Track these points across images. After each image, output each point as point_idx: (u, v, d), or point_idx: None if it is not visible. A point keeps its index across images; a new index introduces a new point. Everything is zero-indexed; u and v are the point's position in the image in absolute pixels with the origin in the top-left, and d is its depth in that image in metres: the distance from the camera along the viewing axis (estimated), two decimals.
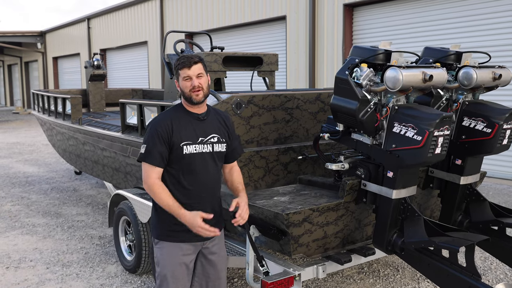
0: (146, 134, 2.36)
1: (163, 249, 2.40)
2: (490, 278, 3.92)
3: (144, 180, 2.33)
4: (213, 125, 2.43)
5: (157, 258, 2.43)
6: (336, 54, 9.34)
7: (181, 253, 2.39)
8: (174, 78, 2.43)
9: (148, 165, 2.30)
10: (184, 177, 2.35)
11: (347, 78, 2.64)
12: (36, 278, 4.03)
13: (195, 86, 2.30)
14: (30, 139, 13.57)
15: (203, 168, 2.37)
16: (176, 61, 2.35)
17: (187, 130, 2.34)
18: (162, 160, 2.30)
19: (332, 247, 2.95)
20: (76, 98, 5.74)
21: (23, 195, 6.98)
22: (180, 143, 2.31)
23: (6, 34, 23.03)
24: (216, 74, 4.28)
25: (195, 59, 2.31)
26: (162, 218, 2.38)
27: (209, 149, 2.39)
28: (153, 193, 2.30)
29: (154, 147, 2.29)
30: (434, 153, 2.49)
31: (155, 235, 2.44)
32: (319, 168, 3.44)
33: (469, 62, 3.00)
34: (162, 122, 2.33)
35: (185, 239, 2.37)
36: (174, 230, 2.36)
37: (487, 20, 7.21)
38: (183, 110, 2.40)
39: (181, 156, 2.32)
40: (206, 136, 2.38)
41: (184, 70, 2.30)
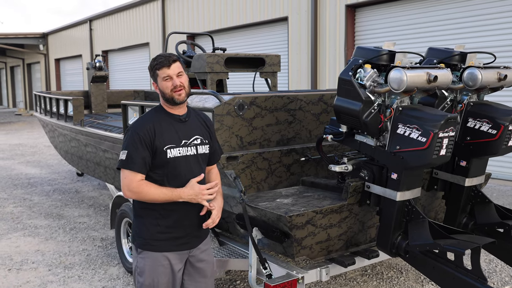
0: (126, 139, 2.22)
1: (147, 258, 2.27)
2: (495, 281, 3.88)
3: (126, 186, 2.17)
4: (195, 126, 2.34)
5: (139, 268, 2.29)
6: (338, 55, 9.31)
7: (167, 263, 2.28)
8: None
9: (129, 171, 2.16)
10: (169, 182, 2.23)
11: (350, 79, 2.61)
12: (38, 280, 4.01)
13: (176, 86, 2.19)
14: (32, 141, 13.58)
15: (188, 172, 2.26)
16: (152, 61, 2.24)
17: (169, 133, 2.24)
18: (145, 166, 2.18)
19: (335, 250, 2.92)
20: (78, 99, 5.73)
21: (25, 197, 6.97)
22: (164, 147, 2.21)
23: (9, 36, 23.10)
24: (218, 75, 4.26)
25: (173, 57, 2.22)
26: (146, 226, 2.27)
27: (193, 151, 2.30)
28: (141, 193, 2.17)
29: (136, 152, 2.16)
30: (439, 154, 2.47)
31: (138, 245, 2.30)
32: (322, 170, 3.41)
33: (474, 62, 2.97)
34: (143, 125, 2.21)
35: (171, 248, 2.28)
36: (158, 239, 2.26)
37: (492, 20, 7.18)
38: (163, 112, 2.29)
39: (165, 160, 2.21)
40: (189, 138, 2.29)
41: (163, 69, 2.19)
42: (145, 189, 2.17)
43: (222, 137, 2.96)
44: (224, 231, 3.47)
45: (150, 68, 2.25)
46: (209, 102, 3.06)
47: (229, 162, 2.95)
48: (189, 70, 4.79)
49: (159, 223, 2.26)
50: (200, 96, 3.25)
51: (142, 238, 2.29)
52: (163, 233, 2.26)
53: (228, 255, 3.08)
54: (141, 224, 2.29)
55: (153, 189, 2.17)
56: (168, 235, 2.26)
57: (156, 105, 2.36)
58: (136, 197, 2.20)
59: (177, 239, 2.29)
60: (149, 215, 2.26)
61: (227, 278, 3.90)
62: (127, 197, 2.22)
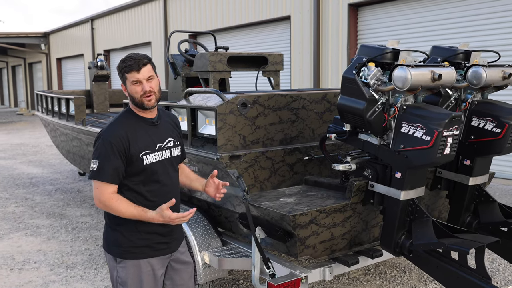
0: (96, 148, 2.11)
1: (128, 268, 2.18)
2: (499, 280, 3.87)
3: (96, 197, 2.10)
4: (166, 128, 2.27)
5: (121, 278, 2.20)
6: (340, 54, 9.29)
7: (149, 269, 2.21)
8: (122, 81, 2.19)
9: (100, 183, 2.07)
10: (146, 189, 2.16)
11: (354, 77, 2.60)
12: (40, 280, 4.01)
13: (146, 91, 2.09)
14: (34, 140, 13.59)
15: (165, 177, 2.20)
16: (121, 62, 2.12)
17: (143, 138, 2.14)
18: (118, 176, 2.09)
19: (339, 249, 2.91)
20: (80, 99, 5.73)
21: (27, 196, 6.97)
22: (139, 153, 2.11)
23: (10, 35, 23.12)
24: (220, 74, 4.25)
25: (143, 61, 2.09)
26: (123, 234, 2.17)
27: (168, 155, 2.23)
28: (110, 208, 2.08)
29: (108, 162, 2.06)
30: (443, 153, 2.45)
31: (117, 254, 2.20)
32: (325, 169, 3.40)
33: (478, 61, 2.95)
34: (115, 133, 2.10)
35: (153, 253, 2.22)
36: (139, 245, 2.18)
37: (497, 19, 7.14)
38: (134, 116, 2.18)
39: (142, 167, 2.12)
40: (163, 141, 2.22)
41: (132, 73, 2.07)
42: (115, 204, 2.08)
43: (225, 136, 2.95)
44: (227, 230, 3.46)
45: (119, 70, 2.13)
46: (212, 101, 3.05)
47: (232, 161, 2.94)
48: (191, 69, 4.78)
49: (139, 229, 2.18)
50: (202, 95, 3.24)
51: (121, 247, 2.19)
52: (144, 239, 2.19)
53: (231, 255, 3.07)
54: (117, 232, 2.19)
55: (123, 206, 2.08)
56: (149, 241, 2.20)
57: (125, 109, 2.25)
58: (106, 209, 2.13)
59: (159, 244, 2.24)
60: (127, 222, 2.15)
61: (230, 278, 3.89)
62: (97, 206, 2.14)
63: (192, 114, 3.18)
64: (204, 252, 3.11)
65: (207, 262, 3.10)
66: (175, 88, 4.92)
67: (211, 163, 3.02)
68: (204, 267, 3.11)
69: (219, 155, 2.90)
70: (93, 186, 2.13)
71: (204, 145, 3.11)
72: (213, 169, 3.06)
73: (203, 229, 3.25)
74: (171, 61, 4.90)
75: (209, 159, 2.96)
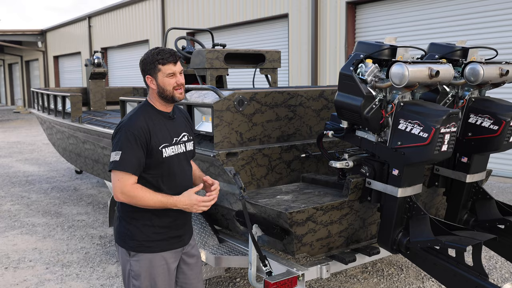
0: (118, 139, 2.10)
1: (142, 261, 2.20)
2: (495, 277, 3.87)
3: (118, 189, 2.06)
4: (181, 123, 2.30)
5: (134, 272, 2.21)
6: (338, 52, 9.28)
7: (164, 263, 2.23)
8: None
9: (122, 173, 2.05)
10: (164, 182, 2.17)
11: (351, 74, 2.58)
12: (35, 278, 3.98)
13: (180, 84, 2.14)
14: (31, 138, 13.54)
15: (180, 170, 2.23)
16: (155, 54, 2.13)
17: (162, 132, 2.17)
18: (140, 167, 2.09)
19: (336, 247, 2.90)
20: (76, 96, 5.70)
21: (23, 195, 6.94)
22: (159, 146, 2.14)
23: (7, 33, 23.01)
24: (218, 71, 4.23)
25: (178, 55, 2.14)
26: (139, 228, 2.19)
27: (183, 149, 2.25)
28: (135, 198, 2.06)
29: (131, 152, 2.05)
30: (440, 150, 2.44)
31: (131, 248, 2.20)
32: (322, 166, 3.39)
33: (475, 58, 2.94)
34: (137, 124, 2.11)
35: (167, 247, 2.23)
36: (154, 239, 2.19)
37: (494, 17, 7.15)
38: (152, 109, 2.20)
39: (161, 160, 2.14)
40: (179, 135, 2.24)
41: (169, 65, 2.12)
42: (140, 193, 2.07)
43: (222, 133, 2.93)
44: (223, 228, 3.45)
45: (151, 61, 2.14)
46: (208, 97, 3.03)
47: (229, 158, 2.92)
48: (188, 66, 4.76)
49: (154, 224, 2.19)
50: (199, 92, 3.22)
51: (136, 241, 2.20)
52: (159, 233, 2.20)
53: (227, 253, 3.06)
54: (132, 226, 2.20)
55: (148, 195, 2.07)
56: (164, 235, 2.21)
57: (142, 102, 2.25)
58: (129, 201, 2.09)
59: (173, 238, 2.25)
60: (143, 216, 2.18)
61: (227, 276, 3.88)
62: (119, 200, 2.11)
63: (189, 111, 3.16)
64: (201, 250, 3.10)
65: (203, 260, 3.09)
66: None
67: (207, 160, 3.00)
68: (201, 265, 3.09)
69: (215, 152, 2.88)
70: (113, 178, 2.09)
71: (201, 142, 3.09)
72: (209, 166, 3.04)
73: (200, 227, 3.24)
74: None
75: (206, 156, 2.94)
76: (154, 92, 2.18)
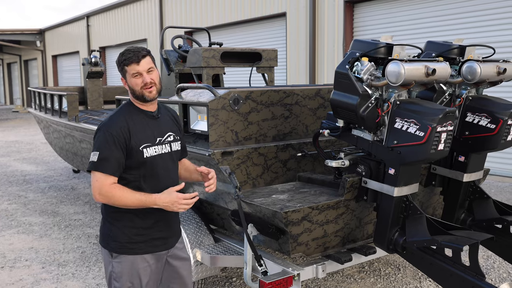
0: (97, 139, 2.08)
1: (124, 263, 2.16)
2: (493, 277, 3.85)
3: (96, 190, 2.04)
4: (166, 122, 2.25)
5: (116, 273, 2.17)
6: (336, 50, 9.26)
7: (146, 265, 2.19)
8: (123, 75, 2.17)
9: (101, 174, 2.02)
10: (146, 183, 2.13)
11: (347, 72, 2.56)
12: (31, 278, 3.96)
13: (147, 83, 2.08)
14: (29, 138, 13.51)
15: (164, 171, 2.18)
16: (120, 56, 2.11)
17: (144, 131, 2.13)
18: (119, 168, 2.06)
19: (332, 246, 2.88)
20: (73, 95, 5.67)
21: (20, 194, 6.91)
22: (139, 146, 2.09)
23: (5, 32, 22.96)
24: (214, 70, 4.21)
25: (143, 53, 2.08)
26: (121, 229, 2.15)
27: (168, 149, 2.20)
28: (113, 198, 2.03)
29: (109, 153, 2.03)
30: (437, 149, 2.42)
31: (112, 249, 2.17)
32: (319, 165, 3.37)
33: (472, 56, 2.93)
34: (116, 124, 2.08)
35: (150, 249, 2.19)
36: (137, 241, 2.16)
37: (491, 15, 7.13)
38: (135, 108, 2.16)
39: (142, 160, 2.10)
40: (163, 135, 2.20)
41: (132, 66, 2.07)
42: (118, 193, 2.03)
43: (217, 132, 2.91)
44: (219, 227, 3.43)
45: (118, 64, 2.12)
46: (203, 96, 3.01)
47: (224, 157, 2.90)
48: (185, 65, 4.73)
49: (136, 225, 2.16)
50: (194, 91, 3.20)
51: (118, 242, 2.16)
52: (141, 235, 2.17)
53: (223, 252, 3.04)
54: (114, 227, 2.17)
55: (127, 194, 2.04)
56: (146, 236, 2.18)
57: (125, 101, 2.23)
58: (107, 201, 2.07)
59: (156, 240, 2.21)
60: (124, 217, 2.14)
61: (223, 275, 3.86)
62: (98, 201, 2.09)
63: (184, 110, 3.14)
64: (196, 249, 3.08)
65: (199, 259, 3.07)
66: (169, 84, 4.88)
67: (203, 159, 2.98)
68: (196, 265, 3.08)
69: (211, 151, 2.86)
70: (92, 178, 2.07)
71: (196, 141, 3.07)
72: (205, 165, 3.02)
73: (195, 226, 3.22)
74: (164, 57, 4.85)
75: (201, 155, 2.92)
76: (130, 92, 2.17)
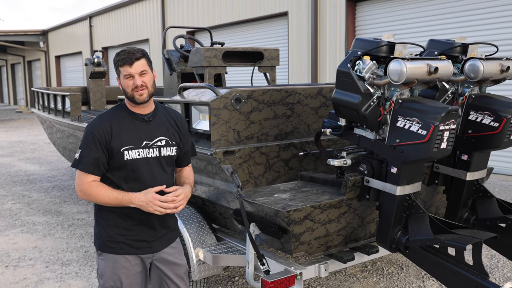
0: (82, 138, 2.15)
1: (107, 260, 2.19)
2: (497, 276, 3.84)
3: (78, 187, 2.11)
4: (160, 126, 2.22)
5: (100, 270, 2.22)
6: (338, 49, 9.24)
7: (128, 265, 2.19)
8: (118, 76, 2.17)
9: (81, 172, 2.09)
10: (127, 185, 2.13)
11: (349, 71, 2.55)
12: (35, 277, 3.98)
13: (137, 86, 2.08)
14: (33, 138, 13.56)
15: (148, 175, 2.15)
16: (116, 56, 2.13)
17: (129, 133, 2.13)
18: (98, 167, 2.08)
19: (334, 245, 2.87)
20: (76, 95, 5.69)
21: (24, 194, 6.94)
22: (120, 148, 2.10)
23: (9, 33, 23.06)
24: (216, 70, 4.20)
25: (137, 55, 2.08)
26: (104, 228, 2.19)
27: (155, 153, 2.18)
28: (91, 195, 2.08)
29: (89, 152, 2.07)
30: (439, 148, 2.41)
31: (98, 247, 2.23)
32: (321, 165, 3.36)
33: (475, 54, 2.91)
34: (99, 124, 2.12)
35: (131, 251, 2.19)
36: (117, 241, 2.17)
37: (493, 13, 7.10)
38: (125, 110, 2.18)
39: (122, 162, 2.11)
40: (152, 139, 2.17)
41: (125, 67, 2.08)
42: (95, 190, 2.07)
43: (219, 131, 2.91)
44: (221, 226, 3.43)
45: (114, 63, 2.14)
46: (205, 95, 3.01)
47: (226, 156, 2.90)
48: (186, 65, 4.73)
49: (118, 225, 2.17)
50: (196, 90, 3.20)
51: (101, 240, 2.21)
52: (123, 235, 2.18)
53: (225, 251, 3.04)
54: (99, 226, 2.22)
55: (104, 191, 2.07)
56: (127, 237, 2.18)
57: (120, 103, 2.25)
58: (87, 198, 2.12)
59: (138, 241, 2.21)
60: (108, 216, 2.18)
61: (226, 275, 3.86)
62: (80, 197, 2.15)
63: (186, 110, 3.14)
64: (199, 248, 3.08)
65: (201, 258, 3.07)
66: (171, 84, 4.88)
67: (205, 158, 2.98)
68: (199, 264, 3.08)
69: (213, 150, 2.86)
70: (76, 175, 2.15)
71: (198, 140, 3.07)
72: (207, 165, 3.02)
73: (198, 225, 3.22)
74: (166, 57, 4.85)
75: (203, 154, 2.92)
76: (123, 93, 2.18)
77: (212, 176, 3.04)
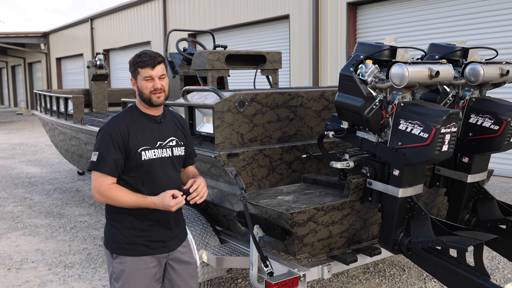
0: (97, 140, 2.15)
1: (124, 263, 2.19)
2: (498, 278, 3.86)
3: (95, 189, 2.10)
4: (170, 127, 2.28)
5: (116, 274, 2.21)
6: (339, 52, 9.28)
7: (145, 267, 2.21)
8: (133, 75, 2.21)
9: (99, 174, 2.09)
10: (144, 186, 2.16)
11: (351, 74, 2.59)
12: (38, 279, 4.00)
13: (157, 89, 2.13)
14: (34, 140, 13.58)
15: (163, 175, 2.20)
16: (137, 57, 2.16)
17: (144, 134, 2.17)
18: (117, 168, 2.11)
19: (337, 247, 2.90)
20: (78, 97, 5.72)
21: (25, 196, 6.96)
22: (138, 148, 2.13)
23: (10, 35, 23.10)
24: (218, 73, 4.24)
25: (158, 59, 2.14)
26: (120, 230, 2.19)
27: (169, 153, 2.23)
28: (110, 197, 2.09)
29: (107, 154, 2.08)
30: (441, 150, 2.44)
31: (113, 249, 2.22)
32: (323, 167, 3.39)
33: (475, 58, 2.94)
34: (116, 126, 2.14)
35: (148, 252, 2.21)
36: (135, 243, 2.19)
37: (494, 17, 7.13)
38: (138, 112, 2.22)
39: (140, 163, 2.14)
40: (165, 139, 2.23)
41: (146, 69, 2.12)
42: (115, 193, 2.08)
43: (223, 134, 2.94)
44: (225, 229, 3.45)
45: (132, 64, 2.17)
46: (209, 98, 3.04)
47: (230, 159, 2.93)
48: (189, 68, 4.77)
49: (135, 226, 2.19)
50: (200, 93, 3.23)
51: (116, 243, 2.20)
52: (140, 236, 2.19)
53: (229, 253, 3.06)
54: (114, 228, 2.22)
55: (123, 194, 2.09)
56: (145, 238, 2.20)
57: (131, 105, 2.30)
58: (106, 201, 2.13)
59: (154, 242, 2.23)
60: (124, 218, 2.19)
61: (229, 277, 3.88)
62: (97, 200, 2.15)
63: (190, 113, 3.17)
64: (202, 250, 3.10)
65: (205, 260, 3.10)
66: (174, 87, 4.91)
67: (209, 161, 3.01)
68: (202, 266, 3.10)
69: (216, 153, 2.89)
70: (92, 177, 2.14)
71: (202, 143, 3.10)
72: (210, 167, 3.05)
73: (201, 227, 3.24)
74: (169, 60, 4.89)
75: (207, 157, 2.95)
76: (137, 94, 2.21)
77: (216, 179, 3.07)
